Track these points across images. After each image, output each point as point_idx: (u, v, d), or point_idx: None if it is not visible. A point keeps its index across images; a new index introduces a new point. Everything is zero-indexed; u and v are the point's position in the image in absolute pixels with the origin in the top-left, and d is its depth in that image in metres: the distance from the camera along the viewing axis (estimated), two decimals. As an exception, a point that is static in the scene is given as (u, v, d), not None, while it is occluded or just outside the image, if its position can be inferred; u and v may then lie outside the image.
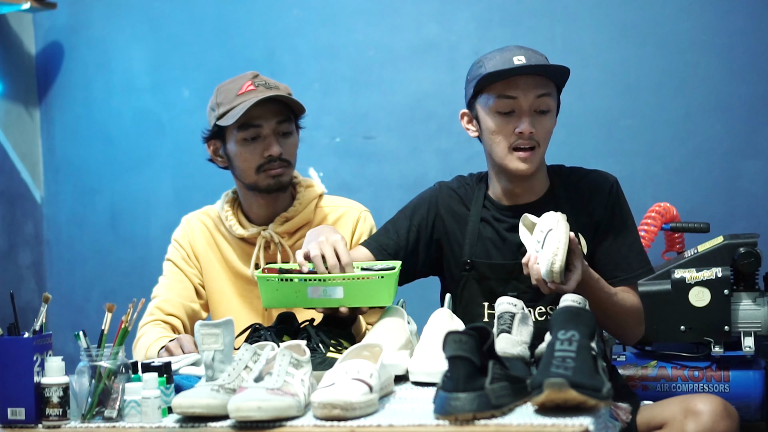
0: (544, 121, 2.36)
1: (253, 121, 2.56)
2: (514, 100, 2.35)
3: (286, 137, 2.61)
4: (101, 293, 4.07)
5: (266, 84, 2.60)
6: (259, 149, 2.58)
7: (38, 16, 4.16)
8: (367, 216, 2.72)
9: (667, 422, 2.29)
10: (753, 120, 3.49)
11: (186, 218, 2.76)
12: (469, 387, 1.71)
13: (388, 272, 2.25)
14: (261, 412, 1.76)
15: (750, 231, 3.16)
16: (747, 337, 2.92)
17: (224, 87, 2.63)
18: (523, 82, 2.34)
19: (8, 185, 4.03)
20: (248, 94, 2.57)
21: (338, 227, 2.65)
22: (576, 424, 1.66)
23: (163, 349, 2.43)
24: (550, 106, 2.36)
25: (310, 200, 2.69)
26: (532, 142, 2.35)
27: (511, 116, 2.36)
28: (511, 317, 2.08)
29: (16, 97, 4.10)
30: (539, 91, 2.34)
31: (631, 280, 2.40)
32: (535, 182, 2.43)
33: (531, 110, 2.34)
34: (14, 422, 1.94)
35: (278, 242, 2.63)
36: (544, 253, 2.10)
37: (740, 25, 3.49)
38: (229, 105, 2.58)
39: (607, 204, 2.41)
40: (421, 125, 3.79)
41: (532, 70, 2.33)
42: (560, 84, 2.40)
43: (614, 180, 2.45)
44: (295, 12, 3.92)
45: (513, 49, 2.38)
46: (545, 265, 2.08)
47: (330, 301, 2.25)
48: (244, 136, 2.58)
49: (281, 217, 2.65)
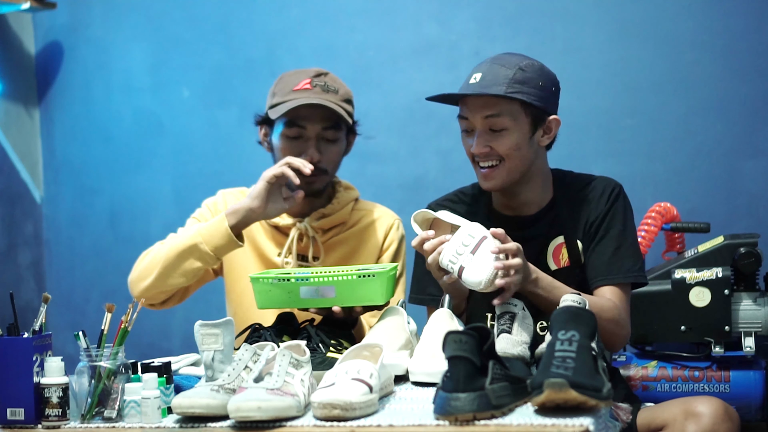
0: (501, 139, 2.32)
1: (299, 121, 2.56)
2: (468, 121, 2.35)
3: (330, 144, 2.60)
4: (101, 293, 4.07)
5: (324, 85, 2.59)
6: (298, 150, 2.57)
7: (38, 16, 4.15)
8: (400, 225, 2.74)
9: (668, 424, 2.28)
10: (753, 120, 3.49)
11: (224, 192, 2.75)
12: (469, 387, 1.71)
13: (380, 271, 2.25)
14: (261, 413, 1.76)
15: (750, 231, 3.16)
16: (747, 337, 2.92)
17: (285, 77, 2.64)
18: (471, 103, 2.34)
19: (8, 185, 4.03)
20: (302, 92, 2.57)
21: (372, 230, 2.67)
22: (576, 425, 1.66)
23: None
24: (504, 125, 2.31)
25: (348, 201, 2.70)
26: (490, 160, 2.34)
27: (471, 134, 2.36)
28: (511, 317, 2.08)
29: (16, 97, 4.10)
30: (486, 112, 2.31)
31: (609, 283, 2.34)
32: (528, 194, 2.41)
33: (484, 129, 2.33)
34: (14, 422, 1.94)
35: (312, 236, 2.63)
36: (481, 261, 2.09)
37: (740, 25, 3.49)
38: (282, 98, 2.58)
39: (603, 207, 2.39)
40: (421, 125, 3.79)
41: (463, 95, 2.33)
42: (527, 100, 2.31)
43: (616, 185, 2.42)
44: (295, 12, 3.92)
45: (482, 64, 2.36)
46: (485, 274, 2.07)
47: (323, 301, 2.25)
48: (288, 133, 2.58)
49: (318, 212, 2.65)
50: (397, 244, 2.69)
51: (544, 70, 2.36)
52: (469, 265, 2.09)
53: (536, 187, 2.41)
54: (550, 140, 2.40)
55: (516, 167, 2.34)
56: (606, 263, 2.35)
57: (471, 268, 2.09)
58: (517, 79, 2.30)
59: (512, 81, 2.30)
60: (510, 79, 2.30)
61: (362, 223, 2.68)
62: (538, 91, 2.32)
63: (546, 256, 2.39)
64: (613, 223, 2.38)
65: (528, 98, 2.30)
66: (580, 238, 2.38)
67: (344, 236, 2.67)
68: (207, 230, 2.45)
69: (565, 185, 2.44)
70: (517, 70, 2.31)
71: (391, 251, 2.68)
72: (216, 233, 2.44)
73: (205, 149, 3.90)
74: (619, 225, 2.38)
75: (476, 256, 2.10)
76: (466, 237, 2.13)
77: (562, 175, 2.47)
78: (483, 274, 2.08)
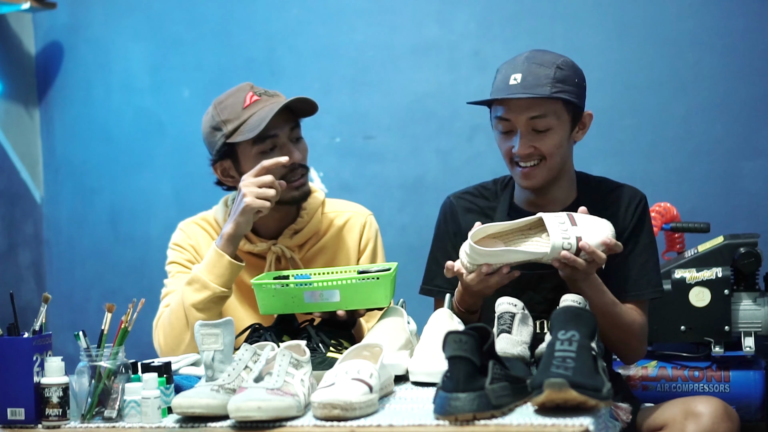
0: (545, 139, 2.32)
1: (270, 132, 2.47)
2: (509, 122, 2.34)
3: (299, 142, 2.55)
4: (101, 293, 4.07)
5: (266, 92, 2.53)
6: None
7: (38, 16, 4.15)
8: (372, 220, 2.69)
9: (667, 424, 2.28)
10: (753, 120, 3.49)
11: (184, 224, 2.67)
12: (469, 387, 1.71)
13: (384, 273, 2.25)
14: (261, 412, 1.76)
15: (750, 231, 3.16)
16: (747, 337, 2.92)
17: (224, 103, 2.53)
18: (515, 104, 2.32)
19: (8, 185, 4.03)
20: (255, 105, 2.49)
21: (346, 232, 2.62)
22: (576, 425, 1.66)
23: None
24: (548, 125, 2.31)
25: (315, 209, 2.62)
26: (532, 160, 2.33)
27: (510, 135, 2.35)
28: (511, 317, 2.08)
29: (16, 97, 4.10)
30: (531, 113, 2.31)
31: (638, 298, 2.36)
32: (557, 192, 2.40)
33: (527, 130, 2.32)
34: (14, 422, 1.94)
35: (290, 257, 2.56)
36: (589, 225, 2.13)
37: (740, 25, 3.49)
38: (239, 120, 2.48)
39: (630, 218, 2.39)
40: (421, 125, 3.79)
41: (514, 95, 2.29)
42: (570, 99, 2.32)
43: (643, 196, 2.43)
44: (295, 12, 3.92)
45: (517, 65, 2.33)
46: (606, 229, 2.12)
47: (327, 305, 2.25)
48: (262, 149, 2.48)
49: (289, 229, 2.58)
50: (374, 242, 2.66)
51: (576, 66, 2.38)
52: (583, 232, 2.12)
53: (565, 184, 2.42)
54: (584, 134, 2.42)
55: (556, 165, 2.35)
56: (635, 278, 2.36)
57: (587, 233, 2.12)
58: (558, 78, 2.30)
59: (554, 80, 2.29)
60: (552, 78, 2.29)
61: (335, 227, 2.63)
62: (576, 88, 2.34)
63: None
64: (641, 237, 2.39)
65: (570, 97, 2.31)
66: None
67: (320, 245, 2.62)
68: (213, 273, 2.39)
69: (590, 188, 2.44)
70: (556, 69, 2.31)
71: (370, 250, 2.65)
72: (225, 271, 2.39)
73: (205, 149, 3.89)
74: (645, 238, 2.39)
75: (580, 225, 2.13)
76: (555, 221, 2.14)
77: (585, 177, 2.47)
78: (604, 230, 2.12)
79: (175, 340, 2.43)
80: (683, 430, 2.24)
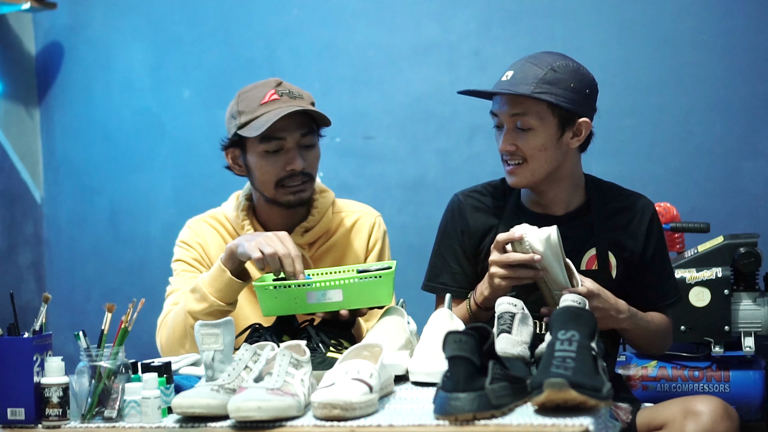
0: (527, 138, 2.31)
1: (277, 134, 2.45)
2: (498, 118, 2.35)
3: (309, 150, 2.51)
4: (101, 293, 4.07)
5: (290, 93, 2.50)
6: (281, 162, 2.47)
7: (38, 16, 4.16)
8: (381, 221, 2.69)
9: (667, 423, 2.29)
10: (753, 120, 3.49)
11: (193, 221, 2.66)
12: (469, 387, 1.71)
13: (386, 271, 2.25)
14: (261, 412, 1.76)
15: (750, 231, 3.16)
16: (747, 337, 2.92)
17: (246, 94, 2.52)
18: (501, 100, 2.33)
19: (8, 185, 4.03)
20: (272, 104, 2.46)
21: (355, 232, 2.62)
22: (576, 424, 1.66)
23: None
24: (529, 125, 2.30)
25: (326, 207, 2.61)
26: (515, 158, 2.33)
27: (501, 131, 2.35)
28: (511, 317, 2.08)
29: (16, 96, 4.10)
30: (513, 110, 2.31)
31: (668, 307, 2.46)
32: (557, 193, 2.39)
33: (511, 127, 2.32)
34: (14, 422, 1.94)
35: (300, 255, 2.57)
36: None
37: (740, 25, 3.50)
38: (252, 114, 2.47)
39: (647, 231, 2.41)
40: (421, 125, 3.79)
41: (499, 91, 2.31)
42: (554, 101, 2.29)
43: (653, 205, 2.46)
44: (295, 12, 3.92)
45: (518, 62, 2.34)
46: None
47: (330, 305, 2.24)
48: (266, 149, 2.47)
49: (300, 227, 2.57)
50: (381, 243, 2.67)
51: (580, 72, 2.35)
52: None
53: (565, 187, 2.40)
54: (580, 142, 2.37)
55: (540, 168, 2.33)
56: (664, 289, 2.45)
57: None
58: (546, 80, 2.29)
59: (541, 81, 2.28)
60: (539, 79, 2.28)
61: (344, 227, 2.64)
62: (568, 92, 2.30)
63: (579, 264, 2.38)
64: (659, 248, 2.43)
65: (555, 99, 2.28)
66: (615, 253, 2.38)
67: (330, 244, 2.62)
68: (214, 286, 2.37)
69: (600, 192, 2.44)
70: (549, 70, 2.30)
71: (377, 251, 2.65)
72: (225, 287, 2.36)
73: (205, 149, 3.90)
74: (664, 249, 2.46)
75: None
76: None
77: (596, 182, 2.47)
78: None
79: (176, 344, 2.43)
80: (683, 430, 2.25)
